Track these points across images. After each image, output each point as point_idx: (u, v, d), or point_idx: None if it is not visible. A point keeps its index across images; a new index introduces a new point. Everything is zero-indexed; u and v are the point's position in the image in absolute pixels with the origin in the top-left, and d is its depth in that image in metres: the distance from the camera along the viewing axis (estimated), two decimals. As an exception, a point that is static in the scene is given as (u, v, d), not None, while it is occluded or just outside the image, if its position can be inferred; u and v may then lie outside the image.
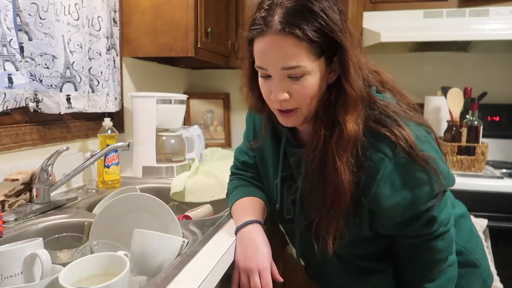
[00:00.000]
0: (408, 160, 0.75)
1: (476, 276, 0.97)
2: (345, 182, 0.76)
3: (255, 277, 0.83)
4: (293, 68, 0.74)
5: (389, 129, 0.76)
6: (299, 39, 0.72)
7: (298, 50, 0.73)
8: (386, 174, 0.76)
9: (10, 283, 0.69)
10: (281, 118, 0.83)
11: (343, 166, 0.75)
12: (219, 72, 2.42)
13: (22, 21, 1.10)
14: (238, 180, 1.07)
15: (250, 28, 0.78)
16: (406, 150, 0.75)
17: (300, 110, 0.80)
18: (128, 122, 1.69)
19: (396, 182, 0.77)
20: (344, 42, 0.74)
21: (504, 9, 1.77)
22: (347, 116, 0.75)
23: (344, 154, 0.75)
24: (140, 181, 1.46)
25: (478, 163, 1.75)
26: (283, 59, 0.74)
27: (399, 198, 0.77)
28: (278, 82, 0.77)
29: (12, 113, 1.12)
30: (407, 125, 0.77)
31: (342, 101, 0.76)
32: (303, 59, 0.73)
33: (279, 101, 0.78)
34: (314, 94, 0.78)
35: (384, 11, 1.87)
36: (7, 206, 1.02)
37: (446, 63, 2.16)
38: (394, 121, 0.77)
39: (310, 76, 0.76)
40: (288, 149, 0.92)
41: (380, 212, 0.81)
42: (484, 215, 1.54)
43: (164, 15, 1.59)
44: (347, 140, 0.75)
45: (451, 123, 1.85)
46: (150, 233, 0.79)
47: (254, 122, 1.02)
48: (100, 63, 1.39)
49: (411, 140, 0.75)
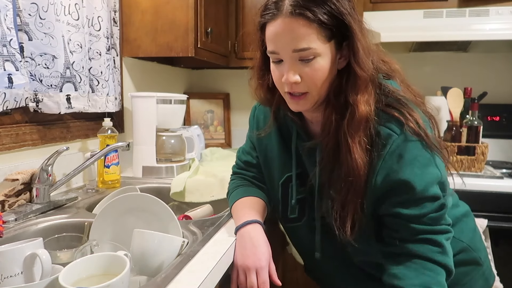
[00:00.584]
0: (417, 140, 0.76)
1: (479, 274, 0.97)
2: (359, 162, 0.76)
3: (252, 275, 0.83)
4: (303, 50, 0.76)
5: (399, 111, 0.77)
6: (309, 20, 0.73)
7: (308, 31, 0.74)
8: (393, 148, 0.76)
9: (10, 283, 0.69)
10: (291, 103, 0.83)
11: (355, 146, 0.76)
12: (219, 72, 2.42)
13: (22, 21, 1.10)
14: (239, 180, 1.07)
15: (262, 14, 0.80)
16: (415, 131, 0.75)
17: (310, 95, 0.80)
18: (128, 122, 1.69)
19: (404, 157, 0.75)
20: (352, 25, 0.76)
21: (504, 9, 1.77)
22: (357, 96, 0.77)
23: (356, 135, 0.76)
24: (140, 181, 1.46)
25: (478, 163, 1.75)
26: (294, 41, 0.75)
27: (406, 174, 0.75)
28: (289, 65, 0.78)
29: (12, 113, 1.12)
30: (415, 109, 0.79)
31: (352, 82, 0.78)
32: (314, 41, 0.75)
33: (291, 83, 0.79)
34: (324, 78, 0.79)
35: (384, 11, 1.88)
36: (7, 206, 1.02)
37: (446, 63, 2.16)
38: (403, 104, 0.78)
39: (321, 59, 0.77)
40: (299, 144, 0.92)
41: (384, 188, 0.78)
42: (484, 215, 1.54)
43: (164, 15, 1.59)
44: (359, 121, 0.76)
45: (451, 123, 1.85)
46: (150, 233, 0.80)
47: (258, 121, 1.02)
48: (100, 63, 1.40)
49: (421, 122, 0.76)
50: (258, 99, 0.95)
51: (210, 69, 2.42)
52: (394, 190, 0.78)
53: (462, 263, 0.92)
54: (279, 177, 0.97)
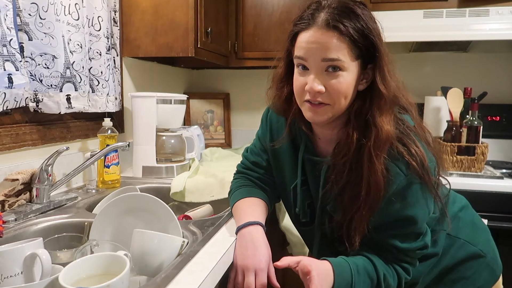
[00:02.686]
0: (419, 182, 0.80)
1: (482, 267, 0.98)
2: (382, 182, 0.79)
3: (250, 276, 0.83)
4: (333, 60, 0.78)
5: (408, 149, 0.80)
6: (342, 34, 0.76)
7: (340, 45, 0.77)
8: (399, 188, 0.80)
9: (10, 283, 0.69)
10: (308, 112, 0.84)
11: (380, 165, 0.78)
12: (219, 72, 2.42)
13: (22, 21, 1.10)
14: (242, 180, 1.07)
15: (296, 23, 0.83)
16: (419, 173, 0.79)
17: (329, 107, 0.81)
18: (128, 122, 1.69)
19: (407, 197, 0.81)
20: (380, 47, 0.79)
21: (504, 9, 1.77)
22: (381, 117, 0.79)
23: (381, 154, 0.79)
24: (140, 181, 1.46)
25: (478, 163, 1.75)
26: (325, 50, 0.77)
27: (409, 212, 0.81)
28: (315, 74, 0.80)
29: (12, 113, 1.12)
30: (423, 148, 0.81)
31: (377, 103, 0.80)
32: (344, 54, 0.78)
33: (315, 91, 0.80)
34: (347, 93, 0.80)
35: (384, 11, 1.87)
36: (7, 206, 1.02)
37: (446, 63, 2.16)
38: (412, 140, 0.81)
39: (347, 74, 0.79)
40: (306, 156, 0.94)
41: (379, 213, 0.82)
42: (484, 215, 1.54)
43: (164, 15, 1.59)
44: (384, 141, 0.78)
45: (451, 123, 1.85)
46: (150, 233, 0.80)
47: (271, 123, 1.01)
48: (100, 63, 1.40)
49: (426, 163, 0.79)
50: (275, 109, 0.98)
51: (210, 69, 2.42)
52: (394, 223, 0.83)
53: (463, 260, 0.95)
54: (290, 181, 0.98)
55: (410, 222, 0.82)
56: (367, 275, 0.83)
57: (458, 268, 0.96)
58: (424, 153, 0.80)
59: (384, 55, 0.80)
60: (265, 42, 1.97)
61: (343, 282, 0.80)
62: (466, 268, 0.95)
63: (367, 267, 0.84)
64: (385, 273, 0.84)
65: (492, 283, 1.00)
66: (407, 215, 0.81)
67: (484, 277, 0.98)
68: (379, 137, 0.78)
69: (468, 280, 0.96)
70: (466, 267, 0.95)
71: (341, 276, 0.80)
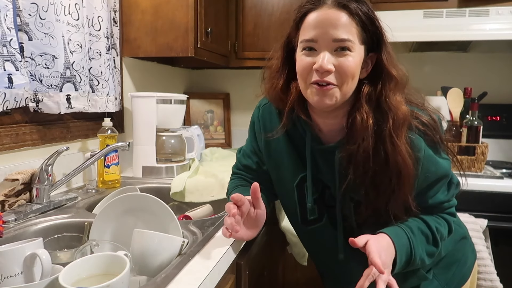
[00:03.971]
0: (434, 148, 0.85)
1: (467, 248, 1.03)
2: (409, 161, 0.81)
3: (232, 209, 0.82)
4: (344, 40, 0.78)
5: (420, 120, 0.84)
6: (352, 14, 0.78)
7: (350, 25, 0.79)
8: (426, 156, 0.84)
9: (10, 283, 0.69)
10: (315, 96, 0.82)
11: (404, 145, 0.81)
12: (219, 72, 2.42)
13: (22, 21, 1.10)
14: (238, 180, 1.08)
15: (303, 5, 0.83)
16: (433, 139, 0.84)
17: (337, 89, 0.81)
18: (128, 122, 1.69)
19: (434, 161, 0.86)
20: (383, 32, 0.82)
21: (504, 9, 1.77)
22: (397, 97, 0.82)
23: (402, 134, 0.81)
24: (140, 181, 1.46)
25: (478, 163, 1.75)
26: (336, 30, 0.78)
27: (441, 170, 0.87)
28: (325, 53, 0.79)
29: (12, 113, 1.12)
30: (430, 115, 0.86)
31: (389, 86, 0.82)
32: (353, 35, 0.79)
33: (324, 69, 0.79)
34: (354, 74, 0.81)
35: (384, 11, 1.87)
36: (7, 206, 1.02)
37: (446, 63, 2.16)
38: (421, 111, 0.85)
39: (355, 54, 0.80)
40: (314, 147, 0.92)
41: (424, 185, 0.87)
42: (484, 215, 1.54)
43: (164, 15, 1.59)
44: (402, 121, 0.81)
45: (451, 123, 1.85)
46: (150, 233, 0.79)
47: (264, 122, 1.00)
48: (100, 63, 1.40)
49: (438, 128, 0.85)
50: (272, 99, 0.96)
51: (210, 69, 2.42)
52: (432, 184, 0.87)
53: (456, 241, 0.99)
54: (293, 179, 0.97)
55: (445, 177, 0.87)
56: (421, 233, 0.86)
57: (452, 252, 0.98)
58: (435, 118, 0.85)
59: (387, 42, 0.83)
60: (265, 42, 1.97)
61: (403, 248, 0.83)
62: (457, 250, 0.99)
63: (420, 226, 0.87)
64: (437, 226, 0.88)
65: (473, 262, 1.04)
66: (441, 173, 0.86)
67: (469, 258, 1.03)
68: (397, 118, 0.80)
69: (460, 261, 0.99)
70: (457, 250, 0.99)
71: (401, 243, 0.83)
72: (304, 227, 1.02)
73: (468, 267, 1.02)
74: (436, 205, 0.90)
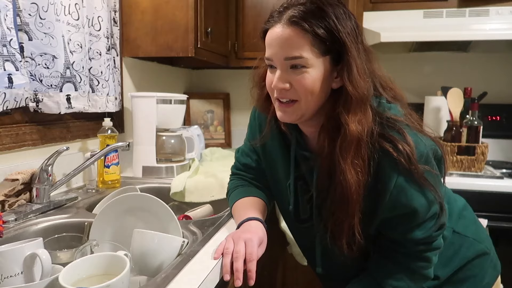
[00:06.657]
0: (408, 178, 0.77)
1: (487, 264, 0.99)
2: (352, 184, 0.76)
3: (240, 244, 0.81)
4: (294, 58, 0.77)
5: (394, 145, 0.77)
6: (304, 30, 0.76)
7: (301, 41, 0.76)
8: (398, 184, 0.78)
9: (10, 283, 0.69)
10: (278, 111, 0.84)
11: (348, 167, 0.76)
12: (219, 72, 2.42)
13: (22, 21, 1.10)
14: (238, 180, 1.07)
15: (265, 22, 0.83)
16: (406, 167, 0.76)
17: (298, 104, 0.81)
18: (128, 122, 1.69)
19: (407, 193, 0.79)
20: (348, 44, 0.76)
21: (504, 9, 1.77)
22: (348, 116, 0.77)
23: (348, 155, 0.76)
24: (140, 181, 1.46)
25: (478, 163, 1.75)
26: (287, 49, 0.77)
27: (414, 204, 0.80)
28: (280, 71, 0.80)
29: (12, 113, 1.12)
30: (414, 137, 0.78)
31: (344, 101, 0.78)
32: (306, 51, 0.76)
33: (279, 89, 0.80)
34: (314, 89, 0.79)
35: (384, 11, 1.87)
36: (7, 206, 1.02)
37: (446, 63, 2.16)
38: (399, 135, 0.77)
39: (312, 70, 0.78)
40: (298, 152, 0.93)
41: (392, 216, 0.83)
42: (484, 215, 1.54)
43: (164, 15, 1.59)
44: (350, 141, 0.76)
45: (451, 123, 1.85)
46: (150, 233, 0.80)
47: (260, 121, 1.01)
48: (100, 63, 1.40)
49: (415, 157, 0.76)
50: (258, 107, 0.98)
51: (210, 69, 2.42)
52: (402, 217, 0.82)
53: (472, 259, 0.96)
54: (286, 178, 0.97)
55: (418, 213, 0.80)
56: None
57: (467, 267, 0.96)
58: (413, 146, 0.76)
59: (353, 52, 0.76)
60: (265, 42, 1.97)
61: None
62: (474, 266, 0.96)
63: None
64: (393, 283, 0.86)
65: (495, 278, 1.01)
66: (413, 208, 0.79)
67: (489, 274, 0.99)
68: (345, 137, 0.76)
69: (476, 277, 0.96)
70: (474, 265, 0.96)
71: None
72: (299, 225, 1.02)
73: (486, 284, 0.98)
74: (405, 243, 0.85)
